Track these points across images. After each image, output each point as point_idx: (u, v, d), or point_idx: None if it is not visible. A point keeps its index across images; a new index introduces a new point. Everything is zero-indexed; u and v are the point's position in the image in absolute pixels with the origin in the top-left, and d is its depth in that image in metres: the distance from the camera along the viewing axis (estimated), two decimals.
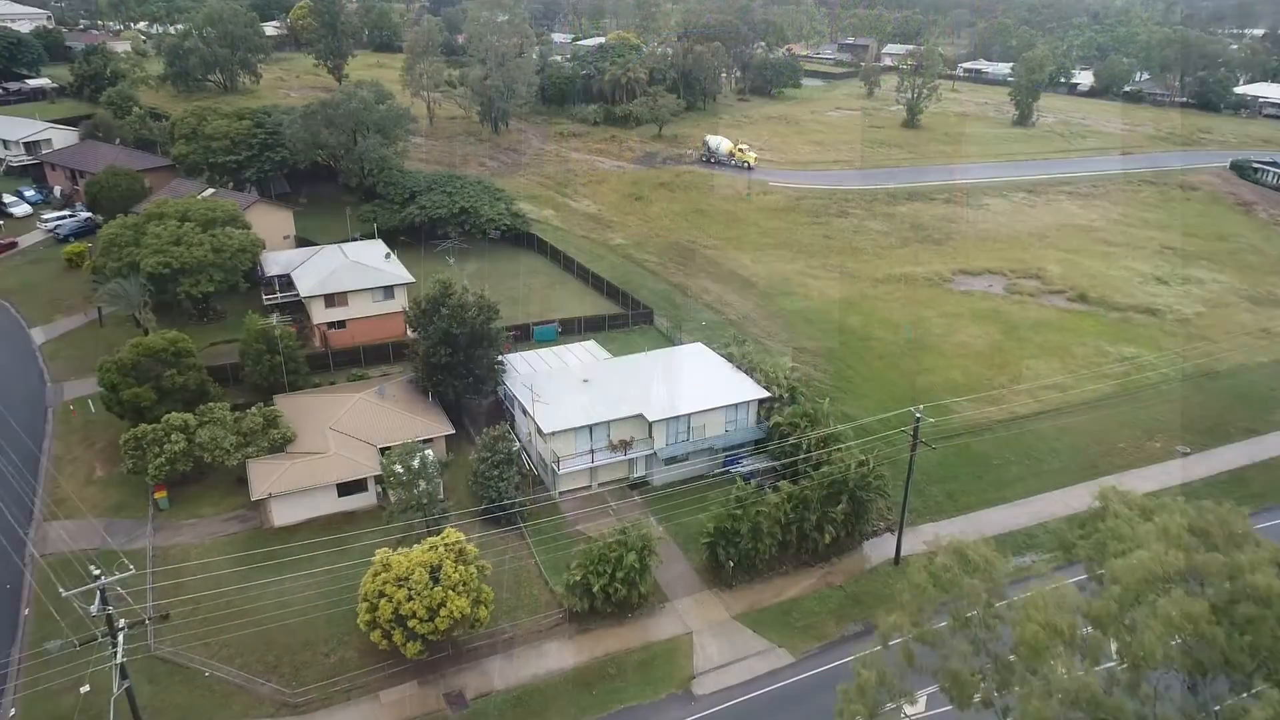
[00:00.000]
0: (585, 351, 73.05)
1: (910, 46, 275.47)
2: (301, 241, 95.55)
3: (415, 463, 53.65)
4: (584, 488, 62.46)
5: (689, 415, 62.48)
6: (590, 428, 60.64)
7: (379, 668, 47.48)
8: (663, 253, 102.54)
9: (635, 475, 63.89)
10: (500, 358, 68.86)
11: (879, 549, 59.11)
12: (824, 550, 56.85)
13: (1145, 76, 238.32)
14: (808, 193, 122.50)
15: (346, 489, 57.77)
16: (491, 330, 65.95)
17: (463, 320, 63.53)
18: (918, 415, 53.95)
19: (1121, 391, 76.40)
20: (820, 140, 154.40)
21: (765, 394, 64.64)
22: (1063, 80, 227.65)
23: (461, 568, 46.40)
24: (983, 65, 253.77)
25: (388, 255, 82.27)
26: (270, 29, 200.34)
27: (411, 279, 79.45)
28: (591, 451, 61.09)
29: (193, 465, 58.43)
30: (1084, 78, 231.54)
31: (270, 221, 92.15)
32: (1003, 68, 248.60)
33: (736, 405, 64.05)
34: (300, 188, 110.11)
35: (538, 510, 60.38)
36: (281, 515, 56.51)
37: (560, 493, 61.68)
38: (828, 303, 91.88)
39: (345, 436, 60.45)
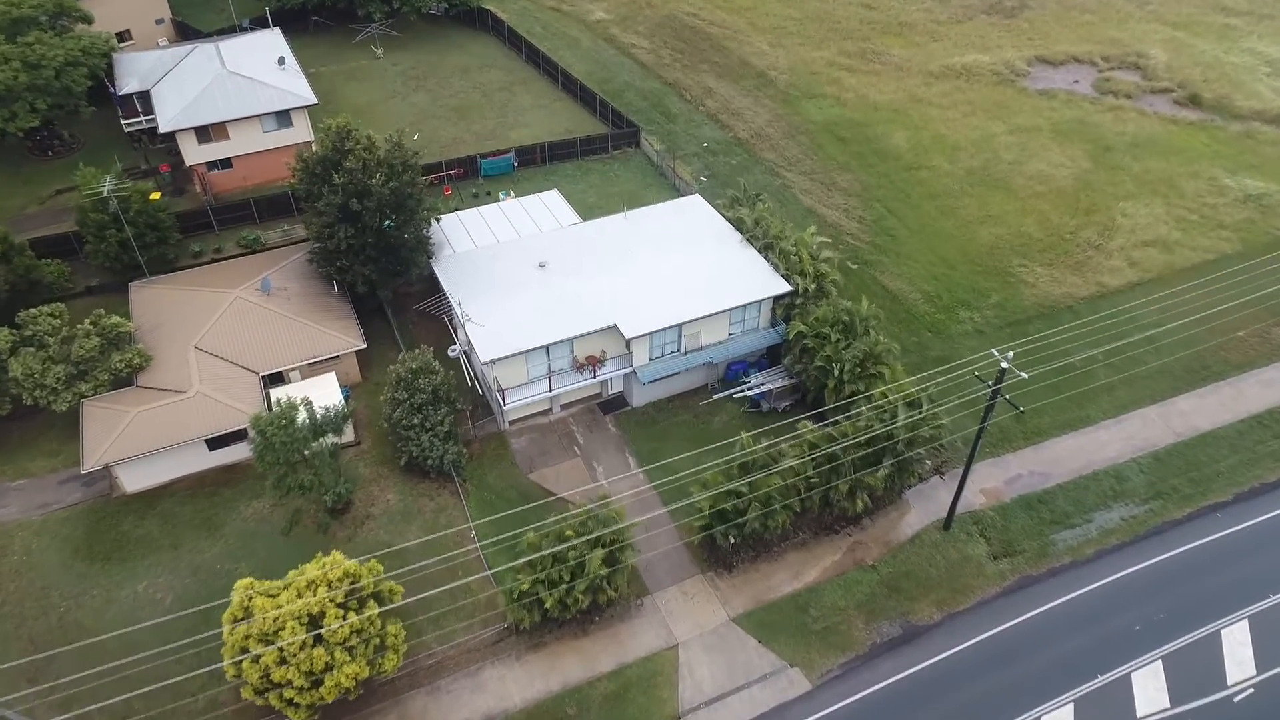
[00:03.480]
0: (544, 208, 54.85)
1: None
2: (182, 29, 73.06)
3: (300, 418, 38.58)
4: (542, 413, 47.79)
5: (680, 325, 46.23)
6: (547, 348, 44.74)
7: None
8: (655, 33, 79.57)
9: (610, 392, 48.99)
10: (434, 221, 51.34)
11: (924, 503, 45.33)
12: (853, 514, 43.29)
13: None
14: None
15: (220, 440, 43.13)
16: (415, 194, 47.88)
17: (367, 190, 45.34)
18: (1004, 363, 37.78)
19: (1244, 250, 58.87)
20: None
21: (784, 287, 47.79)
22: None
23: (355, 617, 33.01)
24: None
25: (281, 61, 61.08)
26: None
27: (313, 99, 59.13)
28: (549, 376, 45.70)
29: (10, 404, 43.59)
30: None
31: (131, 2, 69.40)
32: None
33: (745, 306, 47.50)
34: None
35: (481, 451, 46.18)
36: (133, 479, 42.39)
37: (510, 423, 47.12)
38: (866, 110, 71.19)
39: (215, 360, 44.78)
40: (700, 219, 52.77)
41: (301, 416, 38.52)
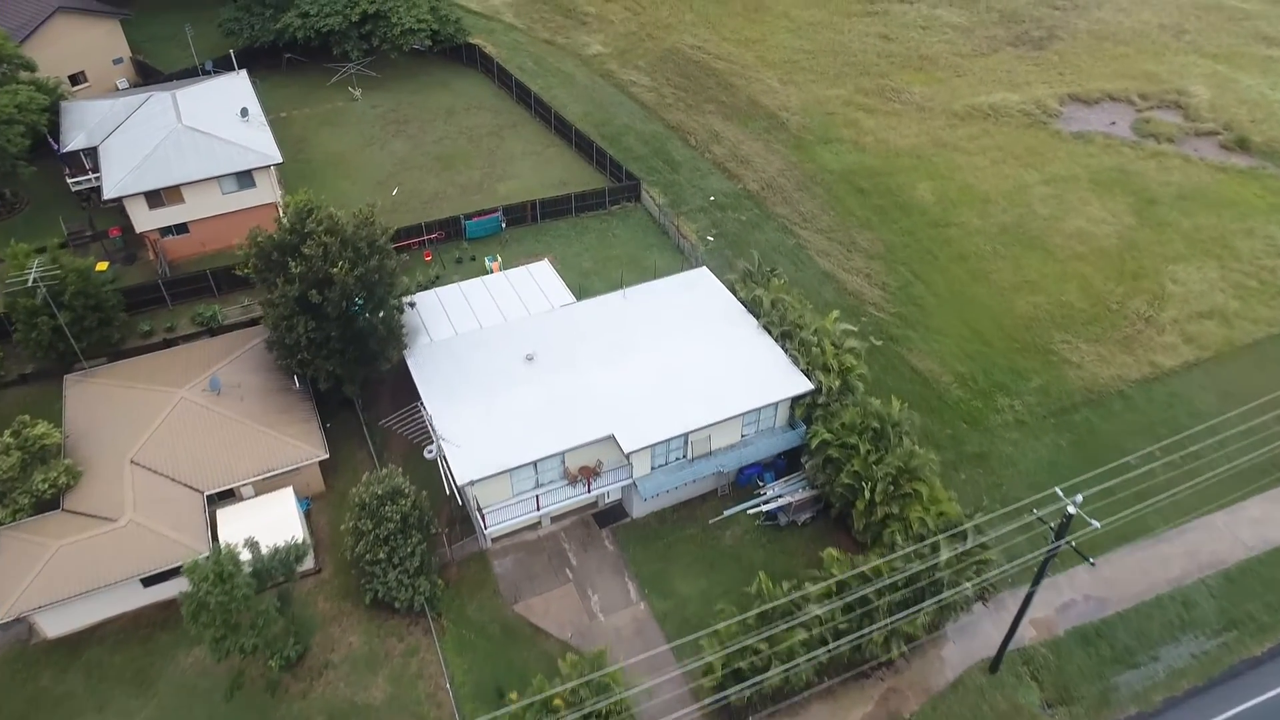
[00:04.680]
0: (533, 283, 48.96)
1: None
2: (143, 69, 67.24)
3: (244, 567, 32.82)
4: (529, 528, 42.03)
5: (687, 434, 40.48)
6: (534, 464, 38.99)
7: None
8: (656, 69, 73.70)
9: (607, 501, 43.25)
10: (408, 302, 45.66)
11: (966, 639, 39.54)
12: (886, 659, 37.54)
13: None
14: None
15: (156, 576, 37.35)
16: (386, 279, 42.15)
17: (329, 279, 39.60)
18: (1071, 507, 31.92)
19: None
20: None
21: (806, 386, 42.01)
22: None
23: None
24: None
25: (245, 112, 55.25)
26: None
27: (277, 157, 53.29)
28: (536, 491, 39.98)
29: None
30: None
31: (85, 42, 63.72)
32: None
33: (760, 409, 41.73)
34: None
35: (460, 576, 40.43)
36: (55, 624, 36.66)
37: (493, 540, 41.38)
38: (887, 157, 65.36)
39: (154, 478, 39.03)
40: (708, 298, 46.97)
41: (245, 564, 32.81)
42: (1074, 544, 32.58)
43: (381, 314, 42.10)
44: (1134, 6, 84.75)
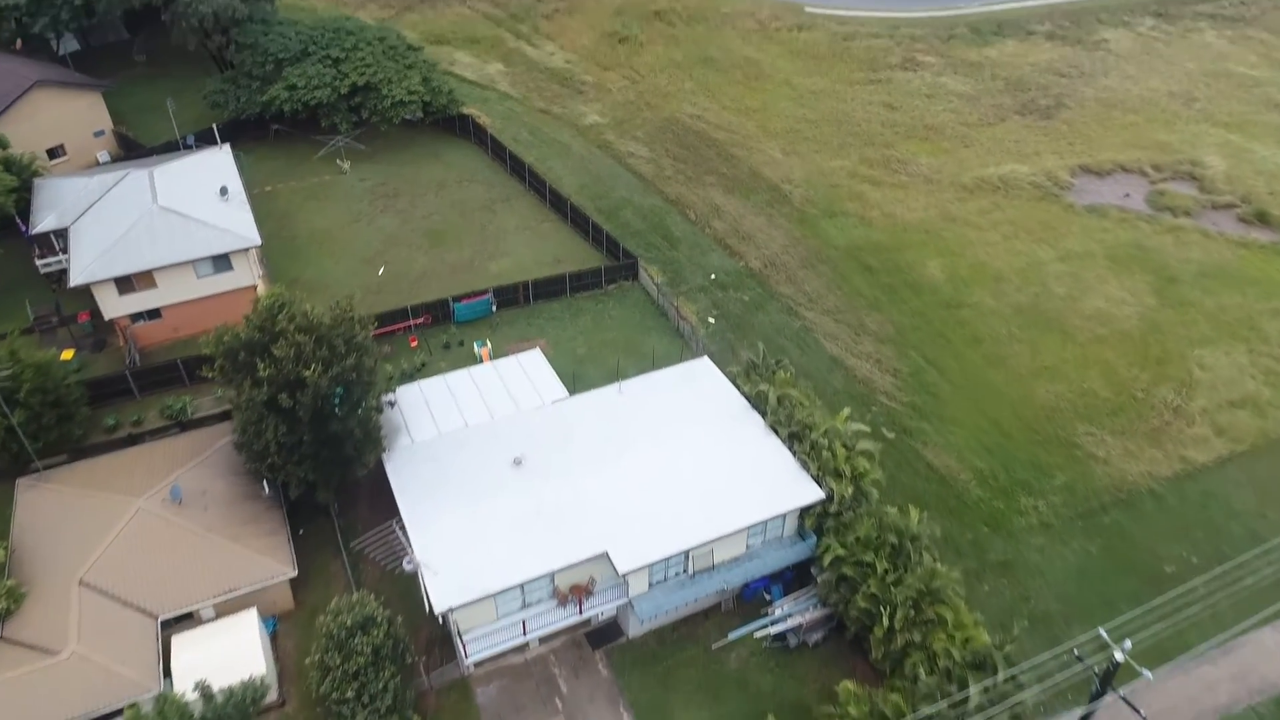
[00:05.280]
0: (523, 375, 45.90)
1: None
2: (125, 142, 65.16)
3: (193, 713, 29.29)
4: (515, 650, 38.44)
5: (687, 551, 37.18)
6: (521, 586, 35.61)
7: None
8: (655, 139, 71.66)
9: (601, 619, 39.73)
10: (388, 401, 42.60)
11: None
12: None
13: None
14: (859, 25, 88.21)
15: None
16: (364, 378, 39.20)
17: (301, 382, 36.61)
18: (1119, 654, 28.50)
19: None
20: None
21: (816, 495, 38.78)
22: None
23: None
24: None
25: (224, 191, 52.82)
26: None
27: (256, 240, 50.71)
28: (523, 613, 36.53)
29: None
30: None
31: (64, 115, 61.67)
32: None
33: (766, 521, 38.47)
34: (145, 33, 76.93)
35: (439, 707, 36.78)
36: None
37: (476, 664, 37.78)
38: (895, 232, 62.91)
39: (104, 601, 35.60)
40: (710, 392, 43.94)
41: (194, 712, 29.31)
42: (1124, 696, 29.12)
43: (359, 415, 39.02)
44: (1141, 74, 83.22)
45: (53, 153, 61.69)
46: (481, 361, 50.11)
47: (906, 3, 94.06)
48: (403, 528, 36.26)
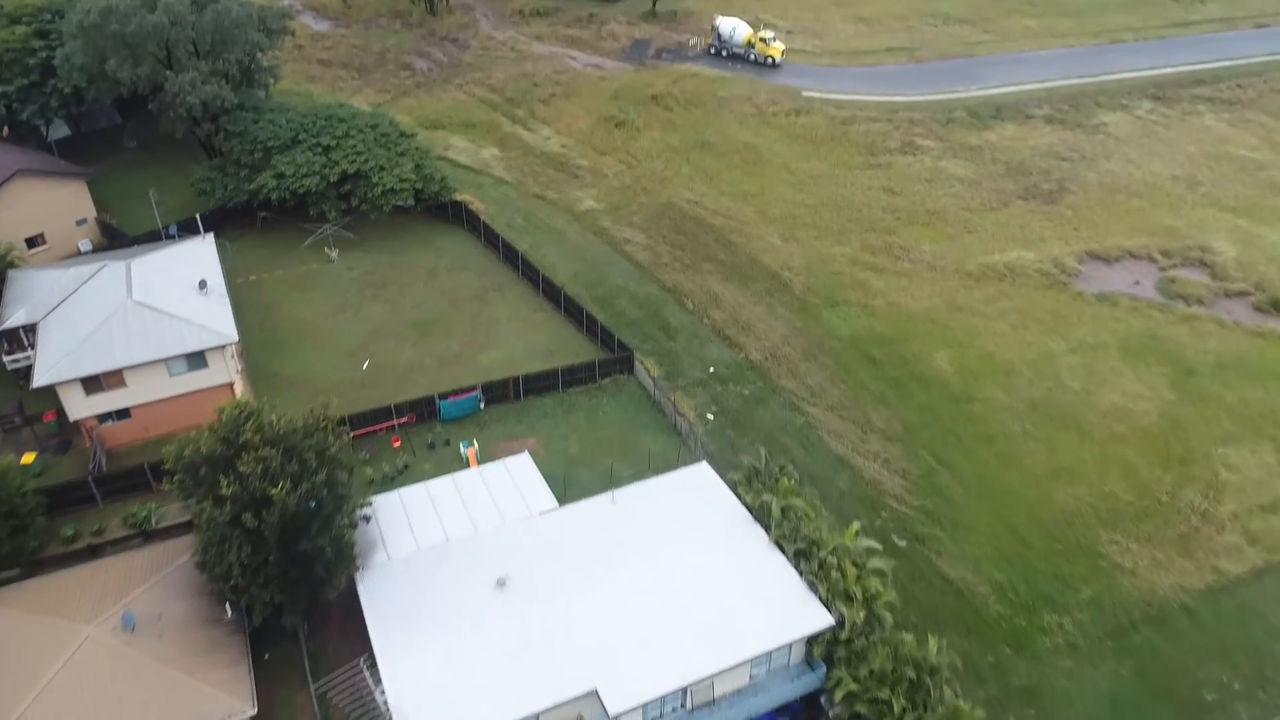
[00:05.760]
0: (510, 482, 43.10)
1: None
2: (108, 231, 63.63)
3: None
4: None
5: (685, 687, 33.93)
6: None
7: None
8: (652, 225, 70.19)
9: None
10: (362, 516, 39.71)
11: None
12: None
13: None
14: (858, 109, 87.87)
15: None
16: (338, 488, 36.51)
17: (267, 500, 33.87)
18: None
19: None
20: (867, 16, 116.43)
21: (825, 621, 35.68)
22: None
23: None
24: None
25: (203, 284, 50.86)
26: None
27: (233, 336, 48.47)
28: None
29: None
30: None
31: (46, 203, 60.23)
32: None
33: (772, 651, 35.30)
34: (136, 118, 76.14)
35: None
36: None
37: None
38: (899, 321, 60.86)
39: None
40: (709, 502, 41.15)
41: None
42: None
43: (331, 533, 36.17)
44: (1143, 157, 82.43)
45: (32, 242, 60.01)
46: (468, 463, 47.53)
47: (904, 87, 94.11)
48: (372, 665, 33.13)
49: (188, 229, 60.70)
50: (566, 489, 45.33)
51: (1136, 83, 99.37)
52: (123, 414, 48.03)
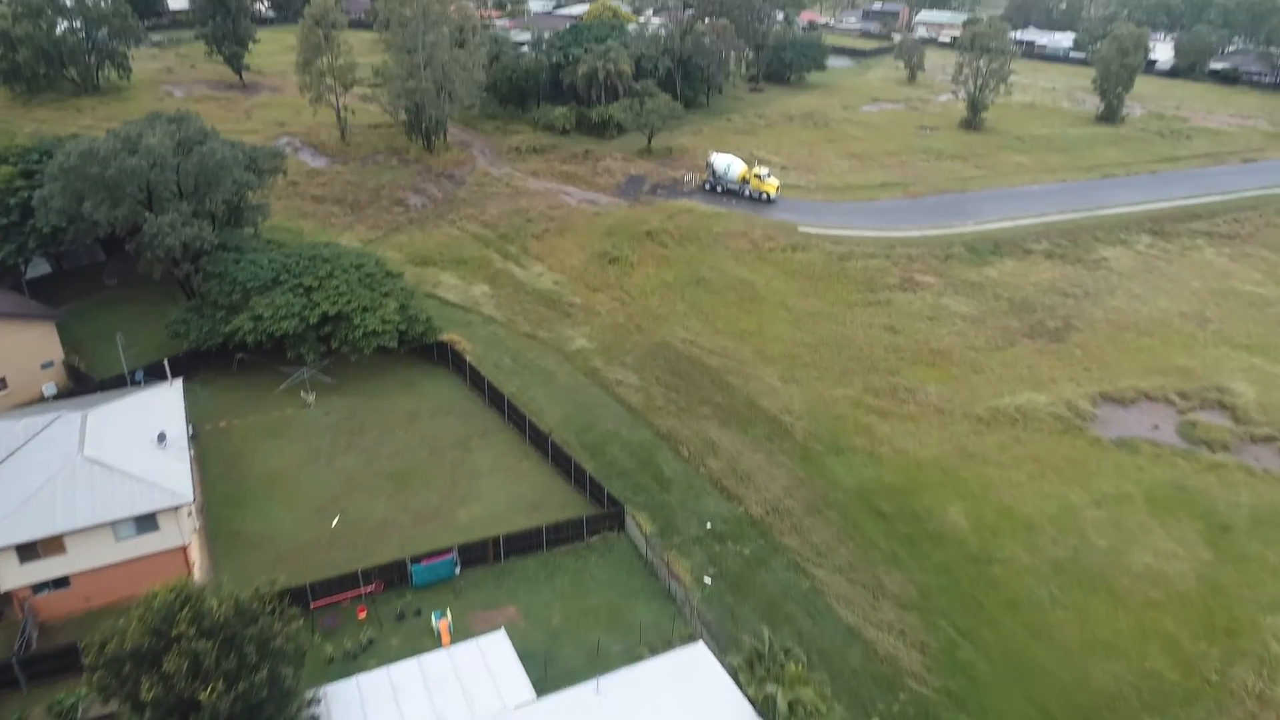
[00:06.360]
0: (483, 666, 38.33)
1: (947, 14, 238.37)
2: (76, 374, 60.82)
3: None
4: None
5: None
6: None
7: None
8: (645, 365, 67.47)
9: None
10: (310, 713, 34.85)
11: None
12: None
13: (1233, 48, 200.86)
14: (855, 245, 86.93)
15: None
16: (280, 686, 31.92)
17: (195, 705, 29.32)
18: None
19: None
20: (860, 152, 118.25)
21: None
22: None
23: None
24: (1035, 36, 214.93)
25: (162, 437, 47.48)
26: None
27: (187, 497, 44.68)
28: None
29: None
30: (1161, 52, 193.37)
31: (10, 347, 57.67)
32: (1061, 39, 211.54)
33: None
34: (118, 255, 74.59)
35: None
36: None
37: None
38: (908, 470, 57.20)
39: None
40: (706, 694, 36.34)
41: None
42: None
43: None
44: (1148, 293, 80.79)
45: None
46: (439, 637, 42.92)
47: (900, 222, 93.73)
48: None
49: (156, 374, 57.79)
50: (547, 669, 40.70)
51: (1133, 217, 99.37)
52: (61, 582, 43.66)
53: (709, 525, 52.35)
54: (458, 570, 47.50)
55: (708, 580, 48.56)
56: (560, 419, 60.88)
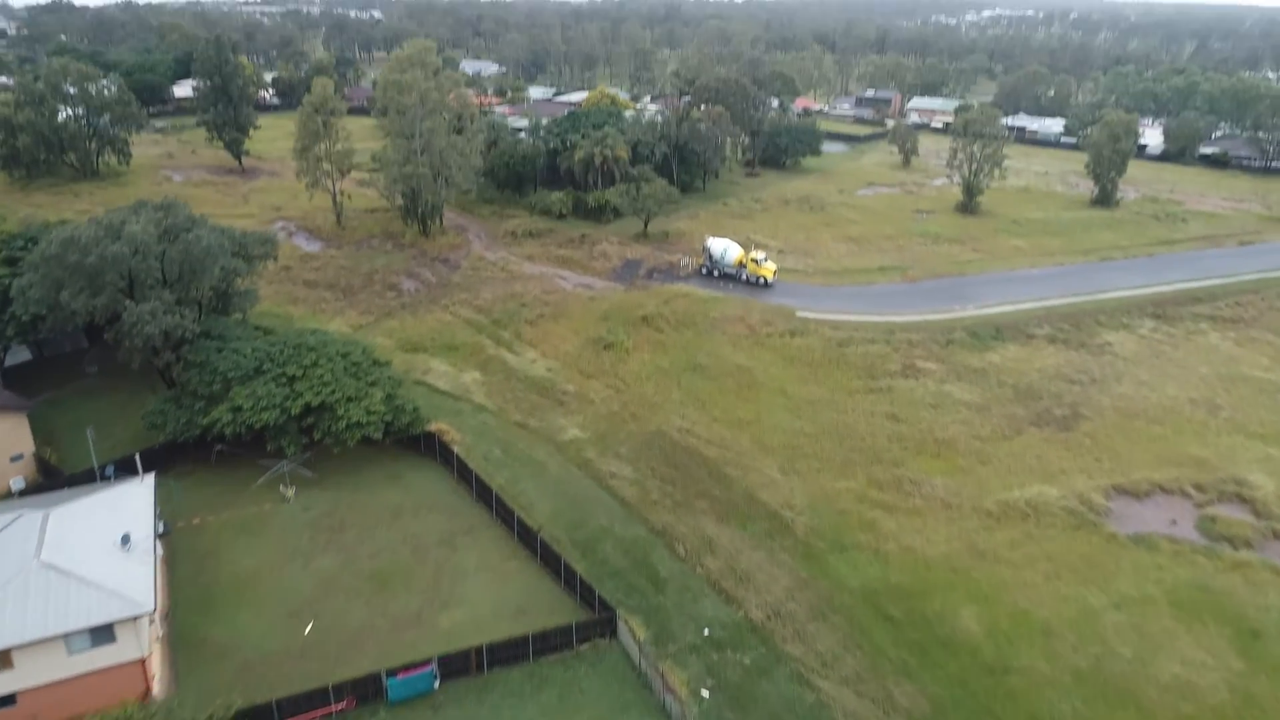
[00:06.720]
0: None
1: (939, 100, 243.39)
2: (46, 468, 58.48)
3: None
4: None
5: None
6: None
7: None
8: (640, 457, 65.08)
9: None
10: None
11: None
12: None
13: (1219, 133, 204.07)
14: (854, 330, 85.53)
15: None
16: None
17: None
18: None
19: None
20: (856, 235, 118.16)
21: None
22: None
23: None
24: (1025, 122, 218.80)
25: (126, 539, 44.85)
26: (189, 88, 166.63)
27: (147, 606, 41.79)
28: None
29: None
30: (1151, 137, 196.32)
31: None
32: (1051, 124, 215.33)
33: None
34: (100, 343, 72.87)
35: None
36: None
37: None
38: (916, 570, 54.28)
39: None
40: None
41: None
42: None
43: None
44: (1156, 380, 78.93)
45: None
46: None
47: (899, 306, 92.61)
48: None
49: (131, 467, 55.36)
50: None
51: (1135, 301, 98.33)
52: (6, 700, 40.45)
53: (706, 631, 49.20)
54: (437, 684, 44.28)
55: (705, 693, 45.25)
56: (550, 514, 58.25)
